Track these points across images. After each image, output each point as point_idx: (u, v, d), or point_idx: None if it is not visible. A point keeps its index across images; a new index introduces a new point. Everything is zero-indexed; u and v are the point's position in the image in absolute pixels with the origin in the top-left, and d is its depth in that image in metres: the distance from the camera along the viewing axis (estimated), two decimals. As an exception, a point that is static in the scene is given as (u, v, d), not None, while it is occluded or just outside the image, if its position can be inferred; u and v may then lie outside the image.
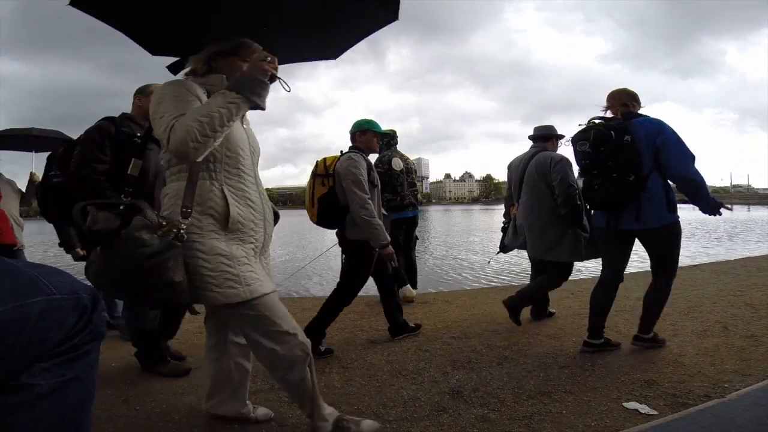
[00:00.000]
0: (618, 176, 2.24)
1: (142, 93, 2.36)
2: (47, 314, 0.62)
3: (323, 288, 6.43)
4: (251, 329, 1.54)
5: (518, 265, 7.94)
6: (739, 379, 2.05)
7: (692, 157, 2.22)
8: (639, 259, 3.59)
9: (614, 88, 2.53)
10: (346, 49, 1.95)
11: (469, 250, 11.17)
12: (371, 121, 2.79)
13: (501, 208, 4.45)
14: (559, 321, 3.29)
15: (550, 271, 3.08)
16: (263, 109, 1.45)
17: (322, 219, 2.63)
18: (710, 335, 2.75)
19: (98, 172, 2.11)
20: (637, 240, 2.45)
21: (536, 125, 3.37)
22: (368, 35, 1.85)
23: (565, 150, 2.98)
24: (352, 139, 2.78)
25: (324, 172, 2.62)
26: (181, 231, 1.35)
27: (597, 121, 2.40)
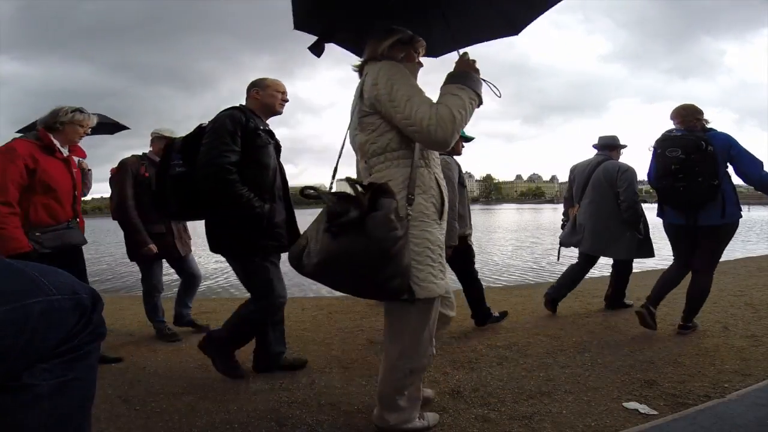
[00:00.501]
0: (703, 180, 2.53)
1: (260, 86, 2.24)
2: (47, 314, 0.62)
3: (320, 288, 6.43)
4: (420, 327, 1.46)
5: (518, 266, 7.94)
6: (739, 379, 2.06)
7: (761, 163, 2.55)
8: (637, 262, 3.60)
9: (682, 104, 2.83)
10: (528, 23, 1.95)
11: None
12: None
13: (500, 209, 4.44)
14: (559, 321, 3.29)
15: (617, 269, 3.57)
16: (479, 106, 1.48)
17: None
18: (710, 335, 2.75)
19: (231, 163, 2.00)
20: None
21: (601, 135, 3.61)
22: (552, 6, 1.84)
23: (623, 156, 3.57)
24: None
25: None
26: (408, 218, 1.33)
27: (680, 133, 2.68)
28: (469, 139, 3.07)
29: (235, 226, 2.06)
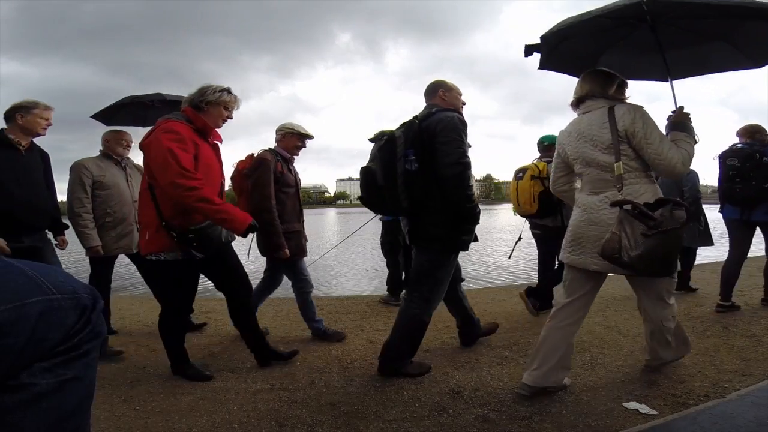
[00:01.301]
0: (756, 184, 3.13)
1: (445, 87, 2.31)
2: (47, 314, 0.62)
3: (326, 287, 6.44)
4: (671, 289, 2.05)
5: (518, 267, 7.95)
6: (739, 379, 2.06)
7: None
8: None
9: (749, 123, 3.42)
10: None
11: (469, 250, 11.16)
12: (551, 137, 3.45)
13: (500, 209, 4.46)
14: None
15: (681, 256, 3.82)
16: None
17: (541, 210, 3.24)
18: (710, 335, 2.75)
19: (470, 163, 2.12)
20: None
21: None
22: None
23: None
24: (547, 149, 3.42)
25: (539, 174, 3.24)
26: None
27: (740, 146, 3.29)
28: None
29: (452, 222, 2.14)
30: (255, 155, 2.84)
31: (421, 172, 2.07)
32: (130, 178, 3.03)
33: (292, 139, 2.90)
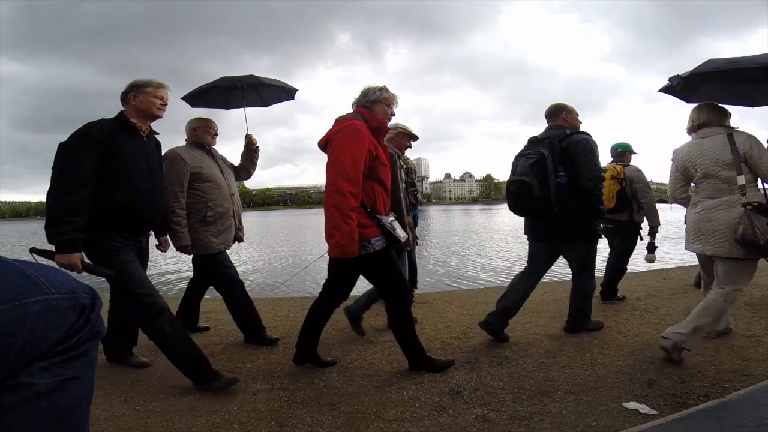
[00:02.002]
0: None
1: (567, 110, 2.77)
2: (46, 314, 0.62)
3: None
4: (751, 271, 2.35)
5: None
6: (739, 379, 2.05)
7: None
8: (632, 265, 3.60)
9: None
10: None
11: (469, 250, 11.16)
12: (628, 144, 3.90)
13: (500, 209, 4.48)
14: (560, 321, 3.28)
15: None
16: None
17: (617, 206, 3.63)
18: (710, 335, 2.75)
19: (603, 178, 2.72)
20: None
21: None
22: None
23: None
24: (620, 155, 3.84)
25: (617, 175, 3.63)
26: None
27: None
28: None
29: (589, 220, 2.68)
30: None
31: (569, 185, 2.53)
32: (223, 169, 2.87)
33: (404, 139, 3.16)
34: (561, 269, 4.09)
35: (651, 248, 3.78)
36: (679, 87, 2.48)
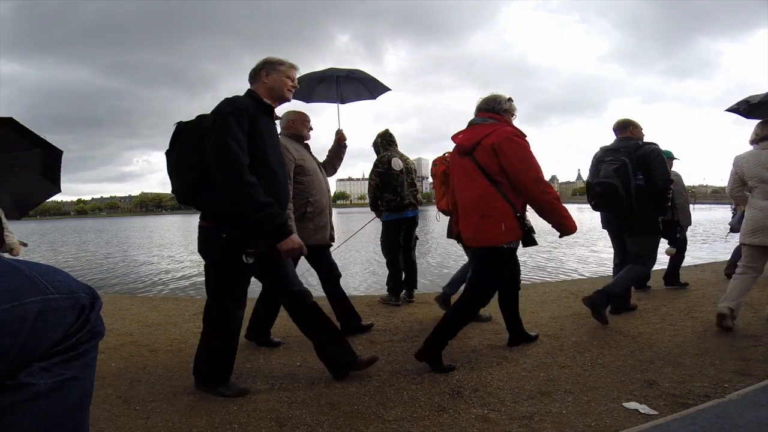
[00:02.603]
0: None
1: (633, 125, 3.25)
2: (45, 314, 0.62)
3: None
4: None
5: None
6: (739, 379, 2.05)
7: None
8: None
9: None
10: None
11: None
12: (670, 152, 4.12)
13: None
14: (559, 321, 3.28)
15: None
16: None
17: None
18: (710, 335, 2.75)
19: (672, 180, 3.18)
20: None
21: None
22: None
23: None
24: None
25: None
26: None
27: None
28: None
29: (657, 214, 3.10)
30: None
31: (646, 187, 2.99)
32: (319, 164, 2.80)
33: None
34: (561, 269, 4.09)
35: (674, 242, 4.13)
36: (742, 108, 3.11)
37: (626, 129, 3.25)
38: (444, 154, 3.33)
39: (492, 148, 2.26)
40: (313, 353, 2.68)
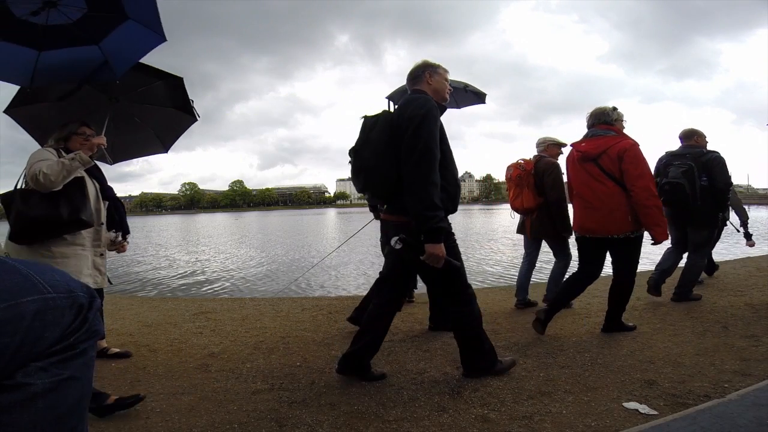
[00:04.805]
0: None
1: (698, 134, 3.75)
2: (43, 313, 0.62)
3: (331, 288, 6.44)
4: None
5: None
6: (739, 379, 2.05)
7: None
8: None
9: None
10: None
11: (469, 250, 11.15)
12: None
13: (500, 209, 4.52)
14: (559, 321, 3.28)
15: None
16: None
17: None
18: (710, 335, 2.75)
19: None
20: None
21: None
22: None
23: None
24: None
25: None
26: None
27: None
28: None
29: (718, 211, 3.65)
30: (538, 159, 3.67)
31: (708, 187, 3.48)
32: None
33: (556, 149, 3.74)
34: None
35: (748, 236, 4.78)
36: None
37: (691, 137, 3.76)
38: (518, 161, 3.74)
39: (617, 157, 2.71)
40: (313, 353, 2.69)
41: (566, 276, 3.58)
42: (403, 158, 1.94)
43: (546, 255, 4.07)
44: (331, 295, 5.75)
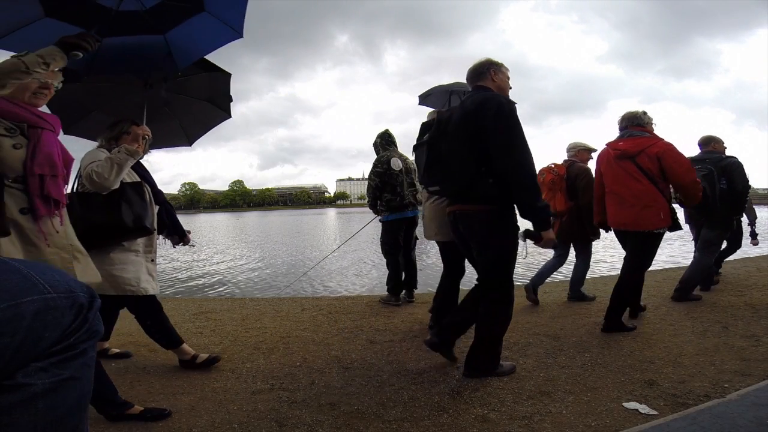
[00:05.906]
0: None
1: (716, 140, 3.96)
2: (43, 313, 0.62)
3: (327, 288, 6.44)
4: None
5: (519, 266, 7.92)
6: (739, 379, 2.05)
7: None
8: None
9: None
10: None
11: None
12: None
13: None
14: (559, 321, 3.28)
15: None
16: None
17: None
18: (710, 335, 2.75)
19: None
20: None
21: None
22: None
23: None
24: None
25: None
26: None
27: None
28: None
29: (733, 213, 3.84)
30: (569, 164, 3.82)
31: (727, 190, 3.63)
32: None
33: (586, 154, 3.86)
34: (561, 270, 4.09)
35: (754, 236, 5.04)
36: None
37: (709, 144, 3.97)
38: (550, 165, 3.88)
39: (656, 157, 2.85)
40: (313, 353, 2.69)
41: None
42: (499, 155, 2.01)
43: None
44: (331, 295, 5.75)
